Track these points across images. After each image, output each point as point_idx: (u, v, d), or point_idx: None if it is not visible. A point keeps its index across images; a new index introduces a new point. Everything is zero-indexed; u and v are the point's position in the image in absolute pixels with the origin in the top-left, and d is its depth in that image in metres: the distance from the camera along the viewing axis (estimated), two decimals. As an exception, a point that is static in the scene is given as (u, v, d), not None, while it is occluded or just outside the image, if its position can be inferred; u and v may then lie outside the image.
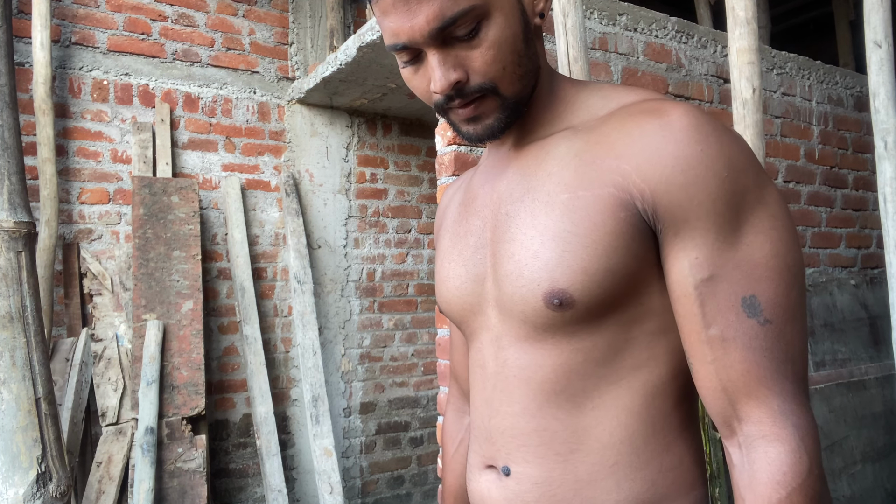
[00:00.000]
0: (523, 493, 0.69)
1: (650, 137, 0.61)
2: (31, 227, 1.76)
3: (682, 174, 0.59)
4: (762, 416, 0.59)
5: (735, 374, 0.59)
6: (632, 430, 0.66)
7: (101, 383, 2.54)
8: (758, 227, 0.60)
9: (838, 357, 2.49)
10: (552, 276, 0.63)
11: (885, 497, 2.37)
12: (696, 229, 0.60)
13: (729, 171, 0.59)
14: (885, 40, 1.35)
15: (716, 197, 0.59)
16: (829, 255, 2.74)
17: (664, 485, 0.66)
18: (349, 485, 3.22)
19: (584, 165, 0.65)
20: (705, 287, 0.59)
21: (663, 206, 0.60)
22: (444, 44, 0.62)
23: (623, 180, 0.62)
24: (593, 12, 2.12)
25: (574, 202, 0.64)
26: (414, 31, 0.61)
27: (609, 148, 0.63)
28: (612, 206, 0.62)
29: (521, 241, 0.67)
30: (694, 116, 0.61)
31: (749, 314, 0.59)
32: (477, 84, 0.64)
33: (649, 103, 0.64)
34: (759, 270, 0.59)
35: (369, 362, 3.35)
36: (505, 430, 0.71)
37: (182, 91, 2.94)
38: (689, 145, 0.59)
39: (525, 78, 0.66)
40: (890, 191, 1.33)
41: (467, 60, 0.63)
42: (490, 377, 0.73)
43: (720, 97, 2.44)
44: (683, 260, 0.60)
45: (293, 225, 3.07)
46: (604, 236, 0.62)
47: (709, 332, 0.60)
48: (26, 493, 1.63)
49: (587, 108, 0.70)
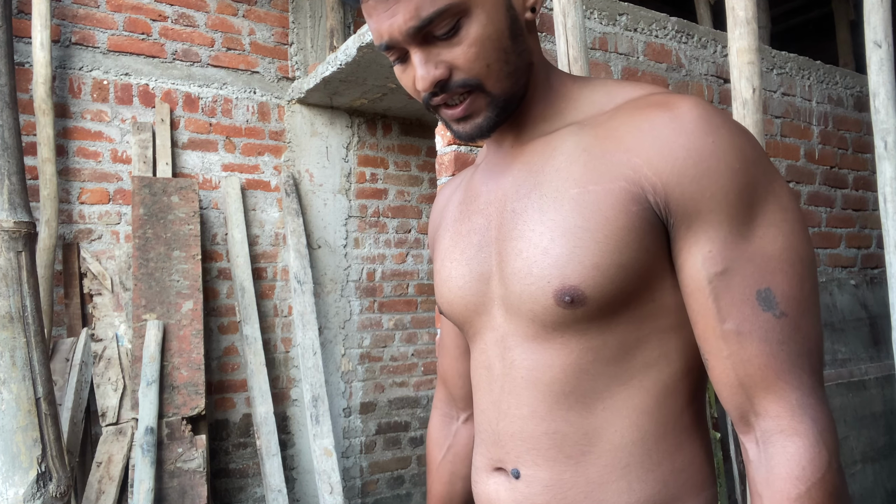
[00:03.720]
0: (533, 496, 0.68)
1: (660, 130, 0.60)
2: (31, 227, 1.76)
3: (693, 166, 0.58)
4: (780, 411, 0.58)
5: (752, 368, 0.58)
6: (644, 431, 0.65)
7: (101, 383, 2.54)
8: (770, 220, 0.59)
9: (838, 357, 2.50)
10: (563, 272, 0.62)
11: (885, 497, 2.37)
12: (708, 222, 0.59)
13: (741, 162, 0.59)
14: (885, 40, 1.35)
15: (728, 189, 0.58)
16: (829, 255, 2.74)
17: (676, 485, 0.65)
18: (349, 485, 3.22)
19: (593, 160, 0.64)
20: (719, 281, 0.59)
21: (675, 198, 0.59)
22: (426, 42, 0.63)
23: (634, 174, 0.61)
24: (593, 12, 2.12)
25: (584, 197, 0.63)
26: (394, 31, 0.62)
27: (619, 142, 0.63)
28: (624, 200, 0.61)
29: (529, 237, 0.65)
30: (703, 108, 0.60)
31: (764, 307, 0.58)
32: (460, 80, 0.63)
33: (657, 97, 0.64)
34: (772, 263, 0.58)
35: (369, 362, 3.35)
36: (514, 433, 0.70)
37: (182, 91, 2.94)
38: (699, 137, 0.59)
39: (514, 75, 0.66)
40: (890, 191, 1.33)
41: (450, 58, 0.63)
42: (497, 379, 0.72)
43: (720, 97, 2.44)
44: (696, 254, 0.60)
45: (293, 225, 3.07)
46: (616, 231, 0.61)
47: (724, 326, 0.59)
48: (26, 493, 1.63)
49: (591, 103, 0.69)
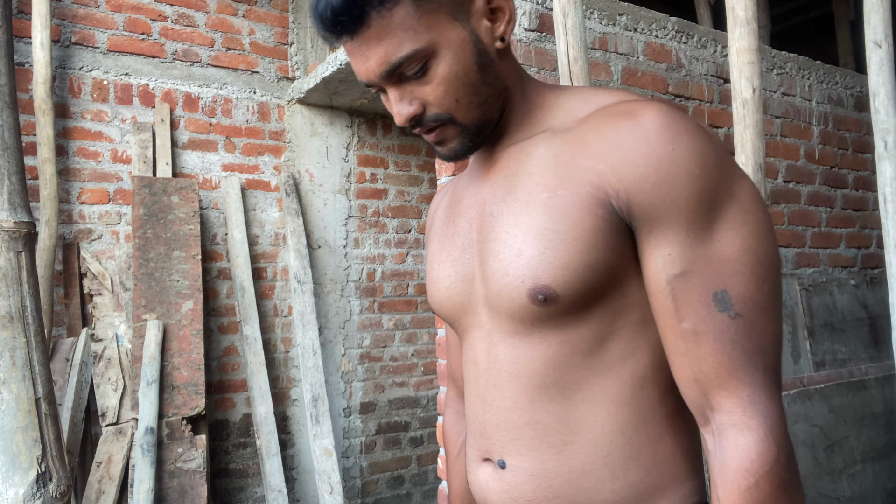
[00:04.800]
0: (520, 486, 0.71)
1: (624, 138, 0.63)
2: (31, 227, 1.76)
3: (654, 173, 0.61)
4: (733, 406, 0.61)
5: (706, 365, 0.61)
6: (622, 420, 0.68)
7: (101, 383, 2.54)
8: (729, 223, 0.62)
9: (838, 357, 2.49)
10: (535, 272, 0.66)
11: (885, 497, 2.37)
12: (668, 226, 0.62)
13: (700, 168, 0.61)
14: (885, 40, 1.35)
15: (687, 195, 0.61)
16: (829, 255, 2.74)
17: (659, 473, 0.68)
18: (349, 485, 3.22)
19: (562, 165, 0.67)
20: (678, 282, 0.62)
21: (637, 204, 0.62)
22: (400, 81, 0.68)
23: (599, 179, 0.64)
24: (593, 12, 2.12)
25: (554, 201, 0.67)
26: (369, 73, 0.68)
27: (585, 148, 0.66)
28: (590, 204, 0.65)
29: (504, 239, 0.70)
30: (666, 116, 0.63)
31: (720, 308, 0.61)
32: (433, 115, 0.69)
33: (625, 104, 0.67)
34: (730, 265, 0.61)
35: (369, 362, 3.35)
36: (499, 424, 0.73)
37: (182, 91, 2.94)
38: (660, 145, 0.61)
39: (484, 105, 0.71)
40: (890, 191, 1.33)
41: (422, 95, 0.68)
42: (482, 373, 0.75)
43: (720, 97, 2.44)
44: (657, 256, 0.63)
45: (293, 225, 3.08)
46: (583, 233, 0.65)
47: (681, 325, 0.62)
48: (26, 493, 1.63)
49: (566, 110, 0.73)
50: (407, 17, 0.64)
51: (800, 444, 2.18)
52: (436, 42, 0.66)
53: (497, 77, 0.71)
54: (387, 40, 0.65)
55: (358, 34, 0.65)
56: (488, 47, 0.70)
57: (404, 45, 0.65)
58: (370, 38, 0.65)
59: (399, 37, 0.65)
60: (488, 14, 0.70)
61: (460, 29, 0.67)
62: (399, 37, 0.65)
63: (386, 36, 0.65)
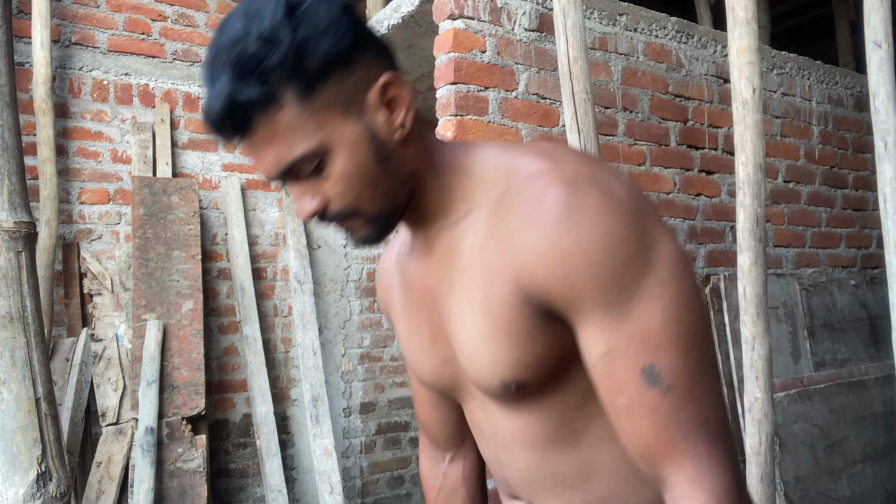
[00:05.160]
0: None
1: (530, 232, 0.62)
2: (31, 227, 1.76)
3: (560, 267, 0.60)
4: (679, 480, 0.61)
5: (646, 442, 0.61)
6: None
7: (101, 383, 2.54)
8: (648, 296, 0.60)
9: (838, 357, 2.49)
10: (497, 369, 0.67)
11: (885, 497, 2.37)
12: (585, 312, 0.61)
13: (604, 252, 0.59)
14: (885, 40, 1.35)
15: (595, 281, 0.60)
16: (829, 255, 2.74)
17: None
18: (349, 485, 3.22)
19: (486, 265, 0.67)
20: (603, 362, 0.62)
21: (552, 297, 0.62)
22: (298, 178, 0.66)
23: (517, 279, 0.64)
24: (593, 12, 2.12)
25: (488, 301, 0.67)
26: (267, 171, 0.66)
27: (502, 245, 0.65)
28: (518, 303, 0.64)
29: (464, 337, 0.70)
30: (570, 194, 0.61)
31: (650, 384, 0.60)
32: (335, 210, 0.67)
33: (531, 183, 0.65)
34: (654, 339, 0.60)
35: (369, 362, 3.35)
36: (519, 481, 0.77)
37: (182, 91, 2.94)
38: (562, 236, 0.60)
39: (388, 195, 0.69)
40: (890, 191, 1.34)
41: (322, 191, 0.67)
42: (489, 438, 0.79)
43: (720, 97, 2.44)
44: (583, 339, 0.63)
45: (293, 225, 3.08)
46: (521, 330, 0.65)
47: (615, 404, 0.62)
48: (26, 493, 1.63)
49: (483, 184, 0.71)
50: (294, 119, 0.62)
51: (800, 444, 2.18)
52: (328, 140, 0.64)
53: (401, 165, 0.69)
54: (276, 142, 0.63)
55: (246, 138, 0.64)
56: (386, 139, 0.67)
57: (295, 147, 0.63)
58: (259, 141, 0.63)
59: (289, 138, 0.63)
60: (384, 105, 0.67)
61: (353, 124, 0.65)
62: (289, 138, 0.63)
63: (275, 138, 0.63)
